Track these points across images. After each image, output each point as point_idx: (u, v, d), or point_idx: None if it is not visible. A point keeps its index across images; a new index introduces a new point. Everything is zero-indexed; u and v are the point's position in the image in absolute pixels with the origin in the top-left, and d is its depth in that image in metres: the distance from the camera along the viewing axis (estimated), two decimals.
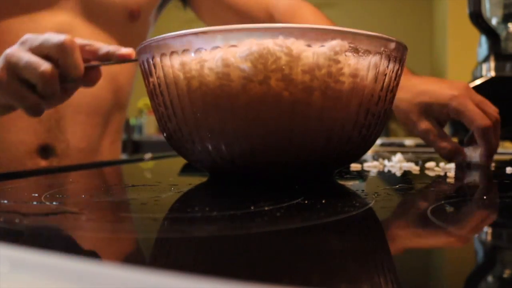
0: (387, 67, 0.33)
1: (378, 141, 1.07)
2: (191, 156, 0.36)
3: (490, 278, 0.15)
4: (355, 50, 0.31)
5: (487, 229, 0.22)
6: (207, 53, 0.30)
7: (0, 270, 0.12)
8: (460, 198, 0.28)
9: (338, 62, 0.30)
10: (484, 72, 0.86)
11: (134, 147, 2.19)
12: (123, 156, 2.16)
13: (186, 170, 0.50)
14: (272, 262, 0.15)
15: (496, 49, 0.86)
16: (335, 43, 0.30)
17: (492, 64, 0.84)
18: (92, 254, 0.17)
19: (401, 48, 0.34)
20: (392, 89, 0.35)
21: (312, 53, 0.30)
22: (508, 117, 0.83)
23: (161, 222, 0.23)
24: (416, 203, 0.29)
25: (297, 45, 0.30)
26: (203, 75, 0.31)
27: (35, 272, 0.12)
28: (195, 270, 0.15)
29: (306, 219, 0.22)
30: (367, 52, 0.31)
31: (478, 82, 0.83)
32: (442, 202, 0.28)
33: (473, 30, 0.91)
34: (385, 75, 0.33)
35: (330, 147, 0.33)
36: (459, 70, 1.89)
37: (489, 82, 0.82)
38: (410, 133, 0.54)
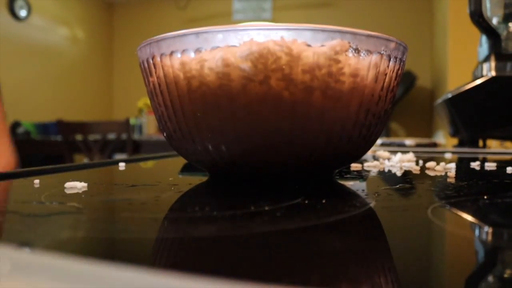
0: (388, 66, 0.33)
1: (378, 141, 1.07)
2: (191, 156, 0.36)
3: (490, 278, 0.14)
4: (356, 50, 0.31)
5: (488, 229, 0.22)
6: (207, 53, 0.30)
7: (0, 270, 0.12)
8: (460, 198, 0.28)
9: (338, 61, 0.30)
10: (484, 72, 0.85)
11: (134, 147, 2.19)
12: (123, 156, 2.15)
13: (186, 170, 0.50)
14: (272, 262, 0.15)
15: (496, 48, 0.86)
16: (336, 43, 0.30)
17: (492, 64, 0.84)
18: (92, 254, 0.17)
19: (402, 48, 0.34)
20: (392, 89, 0.35)
21: (313, 52, 0.30)
22: (508, 117, 0.83)
23: (161, 222, 0.23)
24: (416, 203, 0.28)
25: (297, 45, 0.30)
26: (203, 75, 0.31)
27: (35, 272, 0.12)
28: (195, 270, 0.15)
29: (306, 219, 0.22)
30: (368, 51, 0.31)
31: (478, 82, 0.83)
32: (442, 202, 0.28)
33: (474, 30, 0.91)
34: (386, 75, 0.33)
35: (330, 147, 0.33)
36: (460, 70, 1.89)
37: (490, 82, 0.82)
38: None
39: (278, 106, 0.30)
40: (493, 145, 1.17)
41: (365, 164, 0.48)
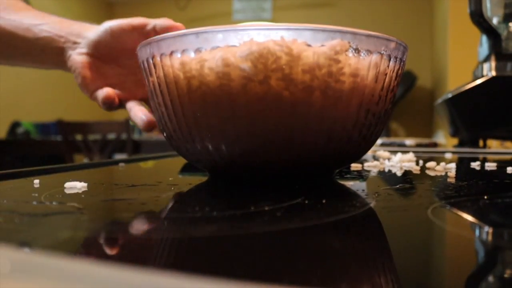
0: (388, 66, 0.33)
1: (378, 141, 1.07)
2: (191, 156, 0.36)
3: (490, 278, 0.14)
4: (356, 50, 0.31)
5: (488, 229, 0.22)
6: (207, 52, 0.30)
7: (0, 270, 0.12)
8: (460, 198, 0.28)
9: (338, 61, 0.30)
10: (485, 72, 0.85)
11: (134, 147, 2.19)
12: (123, 156, 2.15)
13: (186, 170, 0.50)
14: (272, 262, 0.15)
15: (497, 48, 0.86)
16: (336, 43, 0.30)
17: (493, 63, 0.84)
18: (92, 254, 0.17)
19: (402, 48, 0.34)
20: (392, 89, 0.35)
21: (313, 52, 0.30)
22: (508, 117, 0.83)
23: (161, 222, 0.23)
24: (416, 203, 0.28)
25: (297, 45, 0.30)
26: (203, 74, 0.31)
27: (35, 272, 0.12)
28: (195, 270, 0.15)
29: (306, 219, 0.22)
30: (368, 51, 0.31)
31: (479, 82, 0.83)
32: (443, 202, 0.28)
33: (474, 30, 0.91)
34: (386, 74, 0.33)
35: (330, 147, 0.33)
36: (460, 70, 1.89)
37: (490, 81, 0.82)
38: None
39: (278, 106, 0.30)
40: (493, 145, 1.17)
41: (365, 164, 0.48)
